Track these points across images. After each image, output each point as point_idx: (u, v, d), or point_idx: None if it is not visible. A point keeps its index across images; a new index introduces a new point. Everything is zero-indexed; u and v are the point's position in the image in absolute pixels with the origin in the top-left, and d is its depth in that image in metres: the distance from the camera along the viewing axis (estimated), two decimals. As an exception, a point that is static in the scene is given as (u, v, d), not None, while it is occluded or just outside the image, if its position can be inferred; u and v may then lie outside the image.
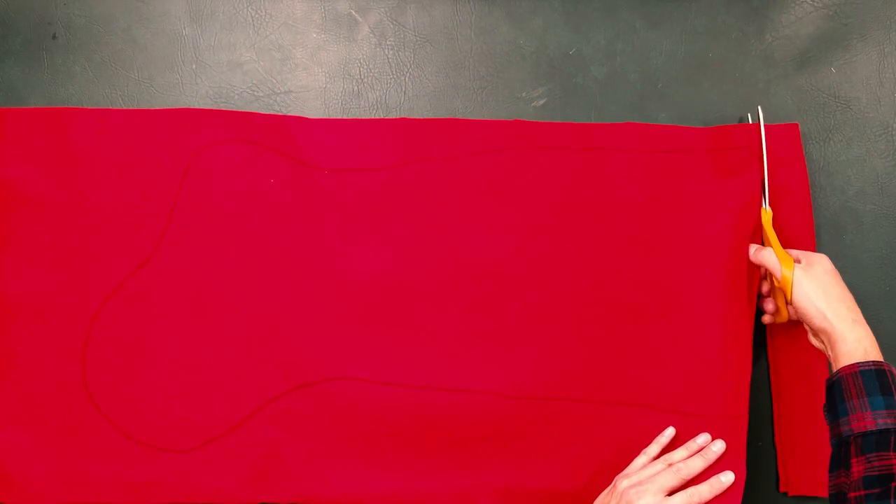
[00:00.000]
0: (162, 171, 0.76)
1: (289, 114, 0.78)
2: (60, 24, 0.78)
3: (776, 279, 0.69)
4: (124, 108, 0.77)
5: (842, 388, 0.61)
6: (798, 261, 0.70)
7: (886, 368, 0.60)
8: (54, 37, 0.78)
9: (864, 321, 0.65)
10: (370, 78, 0.78)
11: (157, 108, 0.77)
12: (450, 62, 0.79)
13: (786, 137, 0.78)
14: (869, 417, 0.58)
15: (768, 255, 0.70)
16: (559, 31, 0.79)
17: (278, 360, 0.76)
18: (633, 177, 0.77)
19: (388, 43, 0.79)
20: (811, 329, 0.68)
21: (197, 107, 0.77)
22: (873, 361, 0.61)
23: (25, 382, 0.75)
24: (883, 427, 0.57)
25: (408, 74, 0.79)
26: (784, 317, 0.73)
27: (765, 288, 0.74)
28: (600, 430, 0.75)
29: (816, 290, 0.66)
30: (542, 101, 0.79)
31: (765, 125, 0.76)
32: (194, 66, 0.78)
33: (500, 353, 0.75)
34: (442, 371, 0.76)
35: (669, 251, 0.77)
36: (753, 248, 0.72)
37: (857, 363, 0.61)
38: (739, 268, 0.75)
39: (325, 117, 0.78)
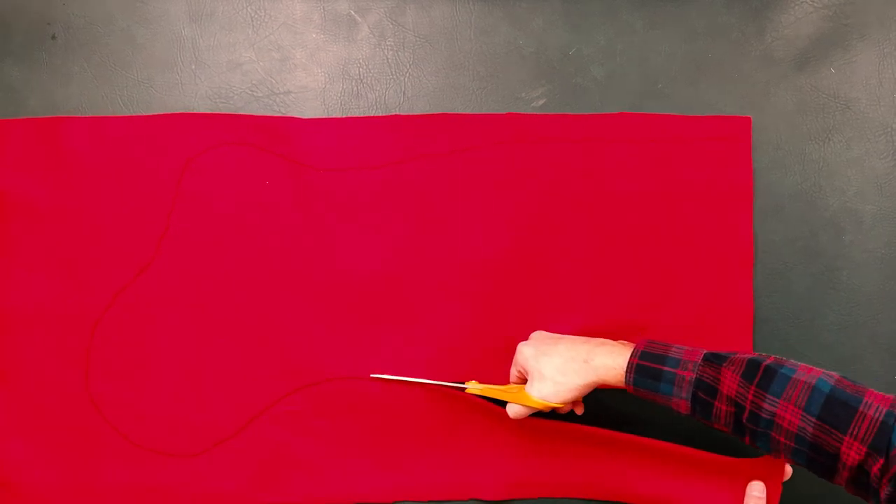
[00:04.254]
0: (157, 177, 0.76)
1: (288, 114, 0.77)
2: (60, 24, 0.77)
3: (538, 406, 0.68)
4: (122, 109, 0.77)
5: (650, 353, 0.63)
6: (523, 380, 0.70)
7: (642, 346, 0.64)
8: (53, 37, 0.78)
9: (577, 340, 0.68)
10: (369, 78, 0.78)
11: (157, 108, 0.77)
12: (449, 62, 0.79)
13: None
14: (699, 352, 0.62)
15: (516, 408, 0.69)
16: (559, 32, 0.79)
17: (280, 362, 0.76)
18: (628, 166, 0.78)
19: (387, 43, 0.79)
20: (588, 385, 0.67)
21: (196, 107, 0.77)
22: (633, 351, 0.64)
23: (29, 392, 0.75)
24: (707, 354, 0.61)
25: (407, 75, 0.78)
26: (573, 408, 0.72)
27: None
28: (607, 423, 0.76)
29: (554, 381, 0.66)
30: (541, 102, 0.79)
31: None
32: (194, 67, 0.78)
33: (501, 347, 0.76)
34: (443, 367, 0.76)
35: (666, 239, 0.77)
36: (512, 412, 0.70)
37: (632, 355, 0.64)
38: (736, 254, 0.77)
39: (319, 117, 0.77)
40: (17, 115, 0.76)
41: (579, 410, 0.72)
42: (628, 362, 0.63)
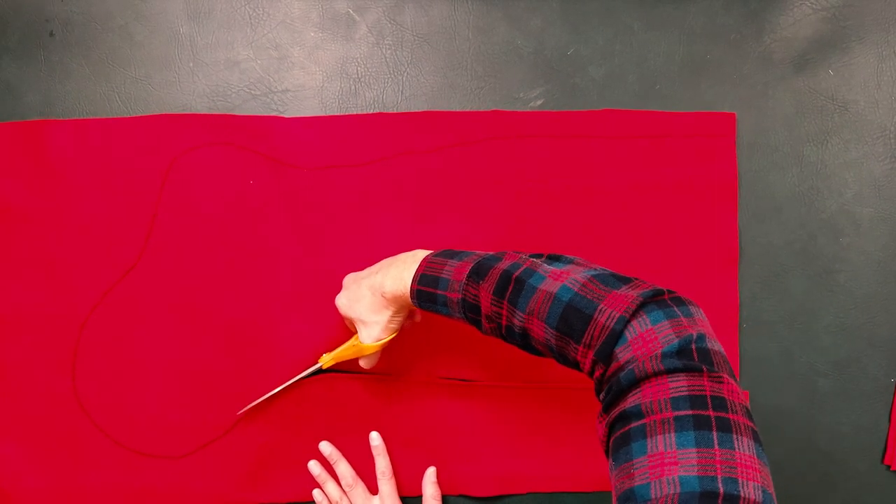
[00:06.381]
0: (141, 178, 0.75)
1: (285, 113, 0.77)
2: (58, 21, 0.77)
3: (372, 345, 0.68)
4: (120, 107, 0.77)
5: (427, 276, 0.61)
6: (355, 333, 0.71)
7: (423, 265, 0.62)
8: (52, 34, 0.77)
9: (373, 271, 0.67)
10: (367, 77, 0.78)
11: (154, 106, 0.77)
12: (447, 62, 0.79)
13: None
14: (467, 268, 0.59)
15: (364, 360, 0.70)
16: (557, 32, 0.79)
17: (267, 362, 0.76)
18: (613, 163, 0.78)
19: (385, 42, 0.79)
20: (397, 309, 0.66)
21: (194, 105, 0.77)
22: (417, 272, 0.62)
23: (16, 395, 0.75)
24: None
25: (405, 74, 0.78)
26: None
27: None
28: (594, 416, 0.76)
29: (375, 321, 0.66)
30: (539, 102, 0.79)
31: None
32: (191, 65, 0.78)
33: (491, 342, 0.76)
34: (432, 363, 0.76)
35: (652, 235, 0.78)
36: (363, 364, 0.70)
37: (412, 279, 0.62)
38: (721, 249, 0.78)
39: (303, 115, 0.77)
40: (14, 112, 0.76)
41: (418, 318, 0.72)
42: (410, 288, 0.62)
